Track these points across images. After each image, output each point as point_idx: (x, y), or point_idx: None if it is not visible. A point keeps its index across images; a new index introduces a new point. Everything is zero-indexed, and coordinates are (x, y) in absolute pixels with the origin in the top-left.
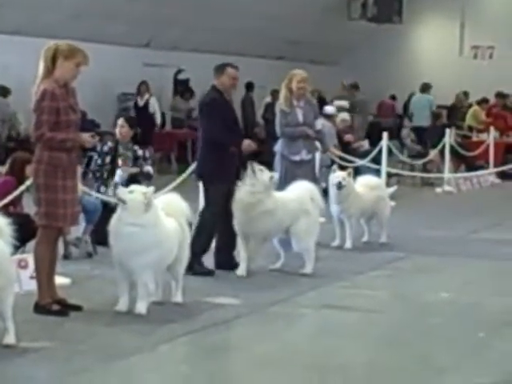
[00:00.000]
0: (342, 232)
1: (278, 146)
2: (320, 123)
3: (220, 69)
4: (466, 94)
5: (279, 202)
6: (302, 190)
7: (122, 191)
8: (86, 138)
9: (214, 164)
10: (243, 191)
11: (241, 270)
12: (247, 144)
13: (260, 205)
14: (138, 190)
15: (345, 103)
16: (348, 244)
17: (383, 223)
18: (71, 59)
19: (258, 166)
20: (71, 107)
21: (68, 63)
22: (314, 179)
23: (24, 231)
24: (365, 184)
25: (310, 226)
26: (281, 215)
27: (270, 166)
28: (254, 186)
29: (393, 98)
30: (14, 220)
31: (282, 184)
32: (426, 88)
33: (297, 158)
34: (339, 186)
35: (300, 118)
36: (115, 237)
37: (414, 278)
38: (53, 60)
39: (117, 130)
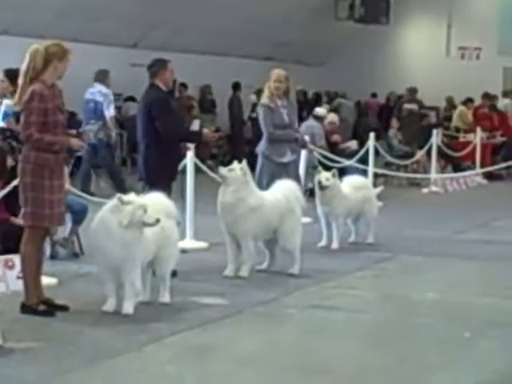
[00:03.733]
0: (329, 232)
1: (262, 148)
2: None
3: (161, 65)
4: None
5: (267, 201)
6: (287, 188)
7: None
8: (74, 141)
9: (164, 163)
10: (224, 192)
11: (228, 271)
12: (207, 133)
13: (243, 203)
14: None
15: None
16: (335, 244)
17: (370, 223)
18: (65, 58)
19: (226, 168)
20: (58, 108)
21: (62, 63)
22: (298, 179)
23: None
24: (351, 184)
25: (295, 225)
26: (268, 214)
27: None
28: (232, 186)
29: (374, 95)
30: None
31: (270, 187)
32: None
33: (284, 159)
34: (320, 185)
35: (286, 118)
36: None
37: (401, 278)
38: (44, 62)
39: None
